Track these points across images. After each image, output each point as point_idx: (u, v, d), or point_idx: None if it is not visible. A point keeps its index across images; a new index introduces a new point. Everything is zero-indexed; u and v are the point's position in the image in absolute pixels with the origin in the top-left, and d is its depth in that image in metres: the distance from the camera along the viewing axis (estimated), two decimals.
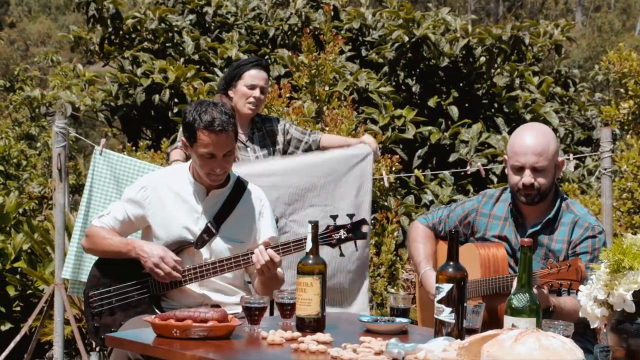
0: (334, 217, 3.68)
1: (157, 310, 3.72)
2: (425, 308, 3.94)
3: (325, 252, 3.50)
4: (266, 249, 3.63)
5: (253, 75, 4.70)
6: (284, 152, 4.86)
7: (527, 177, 3.61)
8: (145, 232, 3.93)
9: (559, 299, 3.49)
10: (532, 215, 3.72)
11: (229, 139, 3.69)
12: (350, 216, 3.67)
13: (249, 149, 4.76)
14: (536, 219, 3.71)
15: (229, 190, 3.87)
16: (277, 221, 4.25)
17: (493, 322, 3.44)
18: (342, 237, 3.70)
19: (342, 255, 3.84)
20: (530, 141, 3.62)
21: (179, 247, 3.79)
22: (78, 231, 5.02)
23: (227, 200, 3.85)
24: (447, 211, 3.97)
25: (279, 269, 3.74)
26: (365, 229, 3.72)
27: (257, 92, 4.69)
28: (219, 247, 3.80)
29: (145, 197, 3.84)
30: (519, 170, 3.64)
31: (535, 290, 2.91)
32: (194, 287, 3.80)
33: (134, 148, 7.32)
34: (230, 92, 4.73)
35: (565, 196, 3.76)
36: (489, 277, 3.65)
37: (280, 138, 4.86)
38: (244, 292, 3.85)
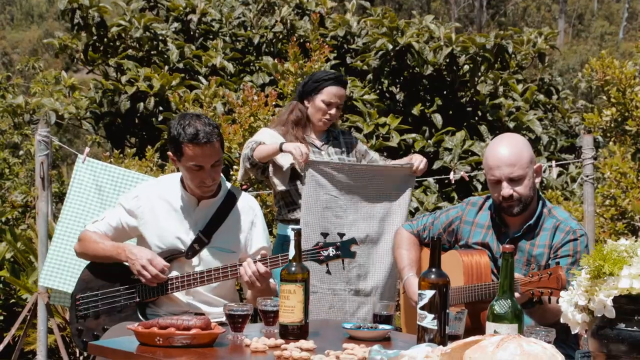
0: (325, 235, 3.68)
1: (141, 317, 3.73)
2: (409, 314, 3.95)
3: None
4: (255, 262, 3.63)
5: (332, 93, 4.77)
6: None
7: (506, 189, 3.64)
8: (139, 240, 3.97)
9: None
10: (515, 223, 3.74)
11: (215, 150, 3.70)
12: (341, 235, 3.67)
13: (322, 152, 4.85)
14: (519, 227, 3.73)
15: (220, 200, 3.88)
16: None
17: (476, 328, 3.45)
18: (331, 254, 3.68)
19: (328, 272, 3.85)
20: (502, 153, 3.65)
21: (170, 255, 3.82)
22: (56, 239, 5.00)
23: (218, 210, 3.86)
24: (432, 218, 3.98)
25: (271, 281, 3.73)
26: (354, 248, 3.71)
27: (333, 110, 4.80)
28: (209, 256, 3.81)
29: (138, 207, 3.88)
30: (496, 183, 3.66)
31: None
32: (181, 295, 3.81)
33: (121, 155, 7.29)
34: (306, 102, 4.83)
35: (547, 202, 3.78)
36: (472, 284, 3.66)
37: (357, 155, 4.98)
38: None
